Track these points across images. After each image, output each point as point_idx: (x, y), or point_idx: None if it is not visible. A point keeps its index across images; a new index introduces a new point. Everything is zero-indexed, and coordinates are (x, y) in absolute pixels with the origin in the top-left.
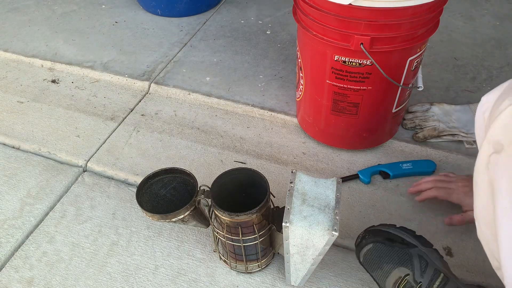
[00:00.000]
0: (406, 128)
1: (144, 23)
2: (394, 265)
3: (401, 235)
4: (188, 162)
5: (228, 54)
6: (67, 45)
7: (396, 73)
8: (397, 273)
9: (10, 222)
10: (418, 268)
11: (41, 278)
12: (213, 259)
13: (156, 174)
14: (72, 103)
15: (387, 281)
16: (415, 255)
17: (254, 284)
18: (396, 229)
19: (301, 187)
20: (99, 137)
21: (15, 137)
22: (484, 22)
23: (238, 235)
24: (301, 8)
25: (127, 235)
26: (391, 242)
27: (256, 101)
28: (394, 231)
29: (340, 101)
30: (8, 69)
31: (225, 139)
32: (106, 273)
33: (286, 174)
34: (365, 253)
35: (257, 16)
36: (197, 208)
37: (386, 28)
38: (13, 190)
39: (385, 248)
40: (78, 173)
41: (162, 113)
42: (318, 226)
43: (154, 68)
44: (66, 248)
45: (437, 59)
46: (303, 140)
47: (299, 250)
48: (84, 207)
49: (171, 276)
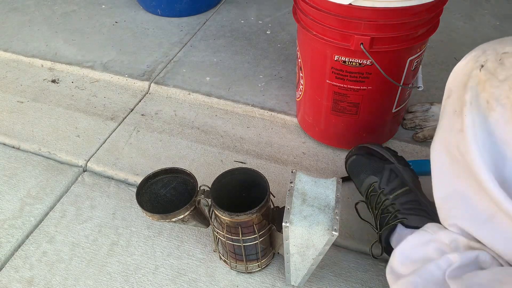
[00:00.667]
0: (406, 128)
1: (144, 23)
2: (368, 174)
3: (382, 152)
4: (188, 162)
5: (228, 54)
6: (67, 45)
7: (396, 73)
8: (368, 181)
9: (10, 222)
10: (386, 177)
11: (41, 278)
12: (213, 259)
13: (156, 174)
14: (72, 103)
15: (362, 188)
16: (387, 168)
17: (254, 284)
18: (380, 147)
19: (301, 187)
20: (99, 137)
21: (15, 137)
22: (484, 22)
23: (238, 235)
24: (301, 8)
25: (127, 235)
26: (371, 156)
27: (256, 101)
28: (377, 148)
29: (340, 101)
30: (8, 69)
31: (225, 139)
32: (106, 273)
33: (286, 174)
34: (349, 164)
35: (257, 16)
36: (197, 208)
37: (386, 28)
38: (13, 190)
39: (364, 160)
40: (78, 173)
41: (162, 113)
42: (318, 226)
43: (154, 68)
44: (66, 248)
45: (437, 59)
46: (303, 140)
47: (299, 250)
48: (84, 207)
49: (171, 276)
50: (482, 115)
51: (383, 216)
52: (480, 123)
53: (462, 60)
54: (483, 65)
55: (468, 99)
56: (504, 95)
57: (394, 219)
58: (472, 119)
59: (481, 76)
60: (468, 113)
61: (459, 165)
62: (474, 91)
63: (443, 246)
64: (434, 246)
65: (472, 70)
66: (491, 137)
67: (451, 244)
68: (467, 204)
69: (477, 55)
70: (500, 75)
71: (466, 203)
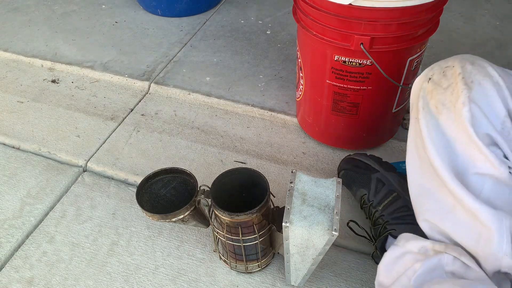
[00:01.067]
0: (406, 128)
1: (144, 23)
2: (358, 187)
3: (368, 161)
4: (188, 162)
5: (228, 54)
6: (67, 45)
7: (396, 73)
8: (359, 193)
9: (10, 222)
10: (373, 189)
11: (41, 278)
12: (213, 259)
13: (156, 174)
14: (72, 103)
15: (356, 200)
16: (374, 178)
17: (254, 284)
18: (365, 157)
19: (301, 187)
20: (99, 137)
21: (15, 137)
22: (484, 22)
23: (238, 235)
24: (301, 8)
25: (127, 235)
26: (357, 168)
27: (256, 101)
28: (362, 159)
29: (340, 101)
30: (8, 69)
31: (225, 139)
32: (106, 273)
33: (286, 174)
34: (341, 176)
35: (257, 16)
36: (197, 208)
37: (386, 28)
38: (13, 190)
39: (352, 174)
40: (78, 173)
41: (162, 113)
42: (318, 226)
43: (154, 68)
44: (66, 248)
45: (437, 59)
46: (303, 140)
47: (299, 250)
48: (84, 207)
49: (171, 276)
50: (434, 118)
51: (375, 227)
52: (433, 126)
53: (416, 78)
54: (431, 78)
55: (421, 106)
56: (447, 99)
57: (384, 230)
58: (426, 123)
59: (429, 87)
60: (422, 118)
61: (426, 164)
62: (425, 99)
63: (416, 255)
64: (409, 257)
65: (422, 83)
66: (444, 136)
67: (420, 251)
68: (433, 199)
69: (427, 72)
70: (443, 84)
71: (433, 198)
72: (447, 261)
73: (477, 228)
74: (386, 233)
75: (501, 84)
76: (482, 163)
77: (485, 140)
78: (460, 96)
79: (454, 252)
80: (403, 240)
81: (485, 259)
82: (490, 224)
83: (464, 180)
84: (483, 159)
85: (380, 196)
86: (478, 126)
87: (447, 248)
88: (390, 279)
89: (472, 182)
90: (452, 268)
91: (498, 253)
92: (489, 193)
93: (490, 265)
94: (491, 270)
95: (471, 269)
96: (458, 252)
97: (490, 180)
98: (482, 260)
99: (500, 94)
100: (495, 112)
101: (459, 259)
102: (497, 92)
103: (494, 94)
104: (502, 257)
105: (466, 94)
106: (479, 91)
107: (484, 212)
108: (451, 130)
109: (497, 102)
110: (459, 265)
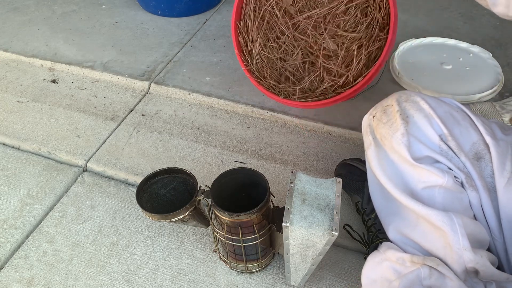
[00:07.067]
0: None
1: (144, 23)
2: (352, 193)
3: (361, 167)
4: (188, 162)
5: (228, 54)
6: (67, 45)
7: None
8: (354, 199)
9: (10, 222)
10: (366, 196)
11: (41, 278)
12: (213, 259)
13: (156, 174)
14: (72, 103)
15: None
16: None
17: (254, 284)
18: (358, 162)
19: (301, 187)
20: (99, 137)
21: (15, 137)
22: (484, 22)
23: (238, 235)
24: None
25: (127, 235)
26: (352, 174)
27: (256, 101)
28: (356, 164)
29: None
30: (8, 69)
31: (225, 139)
32: (106, 273)
33: (286, 174)
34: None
35: None
36: (197, 208)
37: None
38: (13, 190)
39: (347, 180)
40: (78, 173)
41: (162, 113)
42: (318, 226)
43: (154, 68)
44: (66, 248)
45: None
46: (303, 140)
47: (299, 250)
48: (84, 207)
49: (171, 276)
50: (382, 149)
51: (369, 234)
52: (382, 155)
53: (364, 116)
54: (374, 115)
55: (371, 139)
56: (387, 132)
57: (376, 238)
58: (376, 153)
59: (374, 123)
60: (372, 149)
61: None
62: (372, 133)
63: (394, 264)
64: (387, 265)
65: (369, 120)
66: (392, 162)
67: (398, 261)
68: (399, 217)
69: (371, 111)
70: (384, 120)
71: (398, 216)
72: (424, 275)
73: (438, 234)
74: (377, 241)
75: (431, 115)
76: (427, 177)
77: (426, 160)
78: (400, 129)
79: (431, 263)
80: (384, 247)
81: (453, 261)
82: (442, 224)
83: (416, 196)
84: (428, 174)
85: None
86: (417, 151)
87: (425, 259)
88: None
89: (424, 196)
90: (429, 282)
91: (458, 250)
92: (442, 201)
93: (458, 266)
94: (460, 270)
95: (448, 279)
96: (436, 263)
97: (440, 190)
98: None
99: (431, 123)
100: (429, 139)
101: (436, 269)
102: (428, 122)
103: (426, 124)
104: (463, 253)
105: (404, 127)
106: (413, 124)
107: (434, 216)
108: (393, 156)
109: (429, 131)
110: (436, 278)
